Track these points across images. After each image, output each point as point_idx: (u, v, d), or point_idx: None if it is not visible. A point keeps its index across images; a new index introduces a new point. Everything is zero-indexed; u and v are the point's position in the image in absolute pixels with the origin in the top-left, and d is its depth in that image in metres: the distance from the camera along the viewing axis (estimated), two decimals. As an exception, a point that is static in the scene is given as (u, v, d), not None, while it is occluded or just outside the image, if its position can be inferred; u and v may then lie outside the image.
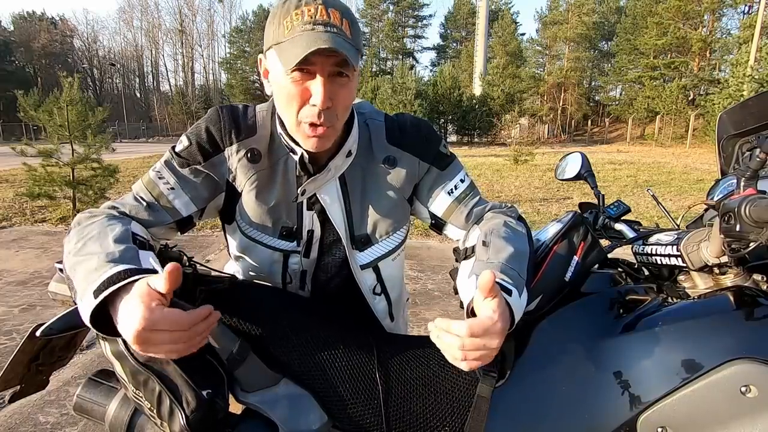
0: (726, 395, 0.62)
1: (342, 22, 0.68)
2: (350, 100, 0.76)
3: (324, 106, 0.70)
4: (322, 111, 0.70)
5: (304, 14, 0.67)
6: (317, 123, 0.72)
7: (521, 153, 12.19)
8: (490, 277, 0.57)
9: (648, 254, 0.88)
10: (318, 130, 0.73)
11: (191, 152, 0.79)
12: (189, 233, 0.86)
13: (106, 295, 0.56)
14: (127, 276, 0.57)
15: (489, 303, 0.60)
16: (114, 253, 0.61)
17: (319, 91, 0.69)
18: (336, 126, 0.75)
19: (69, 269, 0.63)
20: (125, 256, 0.61)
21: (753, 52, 19.73)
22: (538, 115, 32.75)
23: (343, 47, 0.66)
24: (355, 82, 0.75)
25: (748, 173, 0.75)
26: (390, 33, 46.98)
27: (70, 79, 5.65)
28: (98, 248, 0.62)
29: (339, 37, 0.67)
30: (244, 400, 0.72)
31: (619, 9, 37.56)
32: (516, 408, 0.73)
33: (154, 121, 43.85)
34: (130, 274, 0.58)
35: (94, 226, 0.68)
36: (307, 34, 0.66)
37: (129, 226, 0.70)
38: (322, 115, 0.71)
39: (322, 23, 0.67)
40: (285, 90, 0.72)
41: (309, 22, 0.67)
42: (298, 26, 0.67)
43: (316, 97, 0.69)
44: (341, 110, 0.74)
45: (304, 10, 0.67)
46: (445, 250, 4.35)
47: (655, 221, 1.20)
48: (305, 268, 0.89)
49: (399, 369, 0.77)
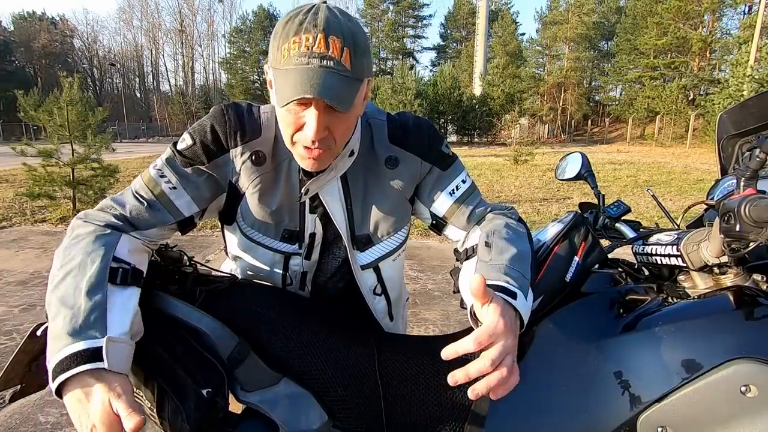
0: (726, 395, 0.62)
1: (342, 52, 0.64)
2: (349, 126, 0.74)
3: (317, 138, 0.69)
4: (315, 140, 0.69)
5: (301, 44, 0.64)
6: (312, 147, 0.71)
7: (521, 153, 12.19)
8: (480, 281, 0.57)
9: (648, 254, 0.88)
10: (313, 152, 0.72)
11: (195, 152, 0.78)
12: (189, 233, 0.86)
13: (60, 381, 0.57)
14: (81, 362, 0.58)
15: (488, 308, 0.60)
16: (78, 316, 0.60)
17: (312, 124, 0.67)
18: (334, 150, 0.74)
19: (47, 305, 0.64)
20: (88, 321, 0.60)
21: (753, 52, 19.72)
22: (538, 115, 32.80)
23: (333, 89, 0.63)
24: (357, 108, 0.72)
25: (747, 173, 0.75)
26: (390, 33, 46.99)
27: (70, 79, 5.65)
28: (70, 296, 0.62)
29: (334, 74, 0.64)
30: (245, 399, 0.72)
31: (619, 9, 37.55)
32: (516, 407, 0.73)
33: (154, 121, 43.83)
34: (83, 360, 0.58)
35: (80, 248, 0.67)
36: (300, 70, 0.64)
37: (113, 252, 0.68)
38: (316, 143, 0.70)
39: (319, 56, 0.63)
40: (281, 114, 0.71)
41: (305, 54, 0.63)
42: (294, 57, 0.64)
43: (309, 129, 0.68)
44: (339, 137, 0.72)
45: (302, 38, 0.64)
46: (445, 250, 4.35)
47: (655, 221, 1.20)
48: (306, 269, 0.89)
49: (399, 368, 0.77)
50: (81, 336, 0.59)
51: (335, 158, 0.78)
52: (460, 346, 0.57)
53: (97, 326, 0.60)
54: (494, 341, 0.58)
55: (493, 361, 0.57)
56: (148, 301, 0.71)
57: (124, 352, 0.61)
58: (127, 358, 0.61)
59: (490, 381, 0.56)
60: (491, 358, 0.57)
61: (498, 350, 0.57)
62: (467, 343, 0.57)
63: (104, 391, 0.57)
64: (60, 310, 0.61)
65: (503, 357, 0.58)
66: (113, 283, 0.65)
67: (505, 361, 0.58)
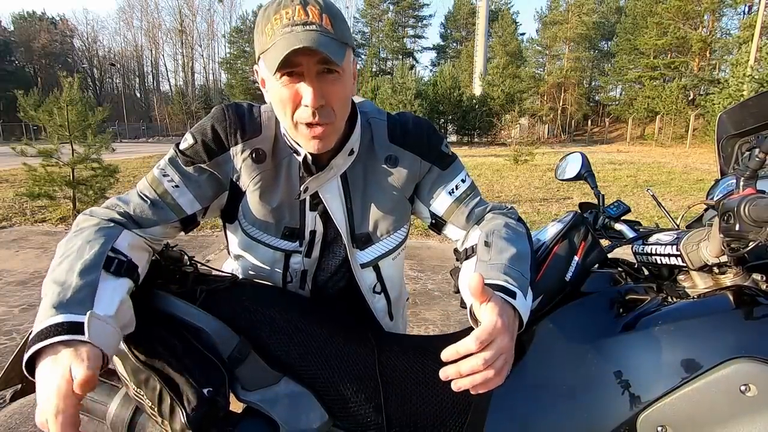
0: (726, 394, 0.62)
1: (322, 17, 0.68)
2: (345, 94, 0.75)
3: (316, 105, 0.70)
4: (315, 110, 0.71)
5: (282, 18, 0.67)
6: (313, 122, 0.72)
7: (521, 153, 12.19)
8: (479, 280, 0.57)
9: (648, 254, 0.88)
10: (316, 130, 0.73)
11: (196, 150, 0.79)
12: (190, 233, 0.86)
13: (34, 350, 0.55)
14: (59, 333, 0.55)
15: (486, 307, 0.60)
16: (67, 291, 0.60)
17: (308, 91, 0.69)
18: (335, 123, 0.75)
19: (42, 290, 0.63)
20: (76, 298, 0.60)
21: (753, 52, 19.73)
22: (538, 115, 32.79)
23: (323, 44, 0.66)
24: (347, 77, 0.74)
25: (747, 173, 0.75)
26: (390, 33, 46.98)
27: (70, 79, 5.65)
28: (64, 275, 0.62)
29: (319, 34, 0.66)
30: (245, 398, 0.72)
31: (619, 9, 37.57)
32: (516, 407, 0.73)
33: (154, 121, 43.84)
34: (62, 331, 0.55)
35: (81, 238, 0.68)
36: (286, 37, 0.66)
37: (112, 243, 0.68)
38: (316, 114, 0.71)
39: (301, 23, 0.67)
40: (278, 95, 0.72)
41: (288, 25, 0.67)
42: (278, 31, 0.68)
43: (307, 97, 0.70)
44: (338, 106, 0.74)
45: (282, 13, 0.67)
46: (445, 250, 4.35)
47: (655, 221, 1.21)
48: (306, 267, 0.89)
49: (399, 368, 0.77)
50: (65, 309, 0.58)
51: (337, 134, 0.78)
52: (461, 347, 0.57)
53: (85, 303, 0.59)
54: (495, 342, 0.58)
55: (486, 360, 0.57)
56: (149, 300, 0.71)
57: (107, 331, 0.59)
58: (110, 337, 0.58)
59: (475, 379, 0.57)
60: (485, 357, 0.57)
61: (493, 350, 0.57)
62: (469, 344, 0.57)
63: (70, 357, 0.54)
64: (50, 287, 0.61)
65: (497, 357, 0.58)
66: (107, 270, 0.65)
67: (497, 362, 0.58)
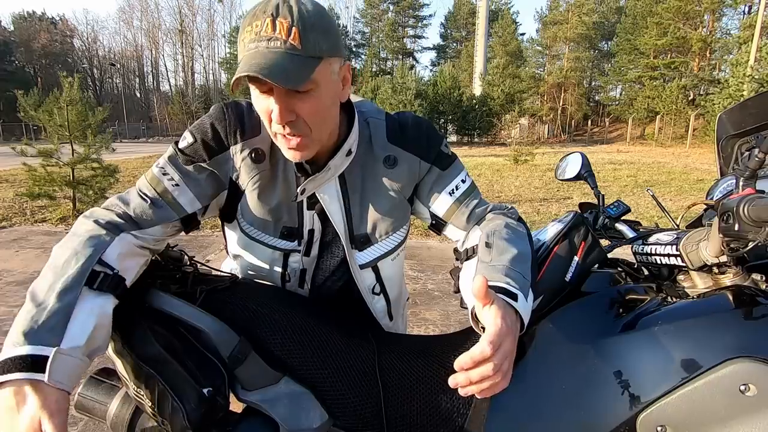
0: (725, 394, 0.62)
1: (290, 32, 0.64)
2: (318, 108, 0.72)
3: (283, 122, 0.69)
4: (285, 124, 0.70)
5: (252, 30, 0.66)
6: (286, 134, 0.71)
7: (521, 153, 12.19)
8: (482, 282, 0.57)
9: (648, 254, 0.88)
10: (291, 141, 0.72)
11: (196, 149, 0.79)
12: (190, 233, 0.86)
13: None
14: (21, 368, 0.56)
15: (490, 310, 0.60)
16: (40, 316, 0.59)
17: (275, 108, 0.68)
18: (312, 135, 0.73)
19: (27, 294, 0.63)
20: (47, 325, 0.59)
21: (753, 52, 19.72)
22: (538, 115, 32.82)
23: (277, 69, 0.63)
24: (324, 88, 0.70)
25: (747, 173, 0.75)
26: (390, 33, 46.97)
27: (70, 79, 5.64)
28: (43, 293, 0.62)
29: (280, 55, 0.64)
30: (245, 398, 0.72)
31: (619, 9, 37.54)
32: (516, 407, 0.73)
33: (154, 121, 43.82)
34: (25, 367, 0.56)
35: (71, 245, 0.67)
36: (249, 55, 0.65)
37: (100, 255, 0.67)
38: (287, 128, 0.70)
39: (266, 39, 0.65)
40: (256, 105, 0.73)
41: (254, 40, 0.65)
42: (246, 44, 0.66)
43: (274, 113, 0.69)
44: (311, 120, 0.71)
45: (253, 25, 0.66)
46: (445, 250, 4.35)
47: (654, 221, 1.20)
48: (305, 266, 0.89)
49: (399, 368, 0.77)
50: (33, 339, 0.58)
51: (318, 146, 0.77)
52: (476, 353, 0.57)
53: (55, 332, 0.59)
54: (503, 345, 0.58)
55: (496, 366, 0.57)
56: (150, 300, 0.72)
57: (71, 366, 0.59)
58: (73, 373, 0.59)
59: (483, 385, 0.58)
60: (495, 363, 0.57)
61: (500, 355, 0.58)
62: (483, 349, 0.57)
63: (37, 406, 0.55)
64: (27, 303, 0.61)
65: (504, 361, 0.58)
66: (90, 287, 0.64)
67: (503, 366, 0.58)
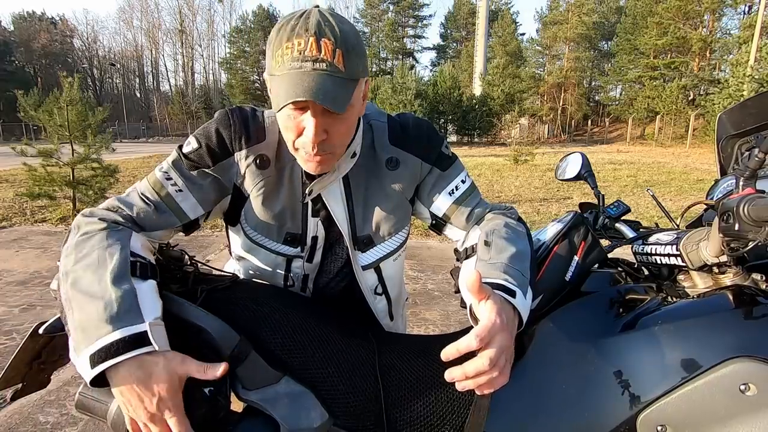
0: (725, 393, 0.62)
1: (334, 54, 0.65)
2: (348, 128, 0.74)
3: (316, 141, 0.69)
4: (316, 144, 0.70)
5: (294, 48, 0.64)
6: (312, 152, 0.71)
7: (521, 153, 12.20)
8: (476, 277, 0.57)
9: (648, 254, 0.88)
10: (315, 157, 0.72)
11: (200, 155, 0.79)
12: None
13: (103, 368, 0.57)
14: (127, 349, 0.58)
15: (485, 305, 0.60)
16: (112, 304, 0.60)
17: (311, 126, 0.68)
18: (335, 152, 0.74)
19: (64, 300, 0.63)
20: (123, 309, 0.60)
21: (753, 52, 19.74)
22: (538, 115, 32.85)
23: (326, 92, 0.64)
24: (354, 109, 0.72)
25: (747, 173, 0.75)
26: (390, 33, 46.99)
27: (70, 79, 5.65)
28: (96, 287, 0.62)
29: (326, 76, 0.64)
30: (246, 397, 0.72)
31: (619, 9, 37.55)
32: (516, 406, 0.73)
33: (154, 121, 43.86)
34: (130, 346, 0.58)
35: (93, 243, 0.67)
36: (293, 74, 0.64)
37: (129, 246, 0.68)
38: (316, 147, 0.70)
39: (311, 59, 0.64)
40: (282, 120, 0.72)
41: (298, 59, 0.64)
42: (287, 62, 0.65)
43: (308, 131, 0.69)
44: (339, 140, 0.73)
45: (294, 43, 0.64)
46: (445, 250, 4.35)
47: (654, 221, 1.21)
48: (307, 272, 0.89)
49: (400, 368, 0.77)
50: (121, 323, 0.59)
51: (338, 159, 0.78)
52: (462, 345, 0.57)
53: (134, 312, 0.61)
54: (492, 339, 0.58)
55: (491, 360, 0.57)
56: None
57: (163, 334, 0.62)
58: (167, 340, 0.63)
59: (480, 380, 0.58)
60: (489, 357, 0.57)
61: (495, 349, 0.58)
62: (469, 341, 0.57)
63: (166, 364, 0.60)
64: (87, 301, 0.61)
65: (500, 356, 0.58)
66: (134, 275, 0.65)
67: (500, 361, 0.58)
